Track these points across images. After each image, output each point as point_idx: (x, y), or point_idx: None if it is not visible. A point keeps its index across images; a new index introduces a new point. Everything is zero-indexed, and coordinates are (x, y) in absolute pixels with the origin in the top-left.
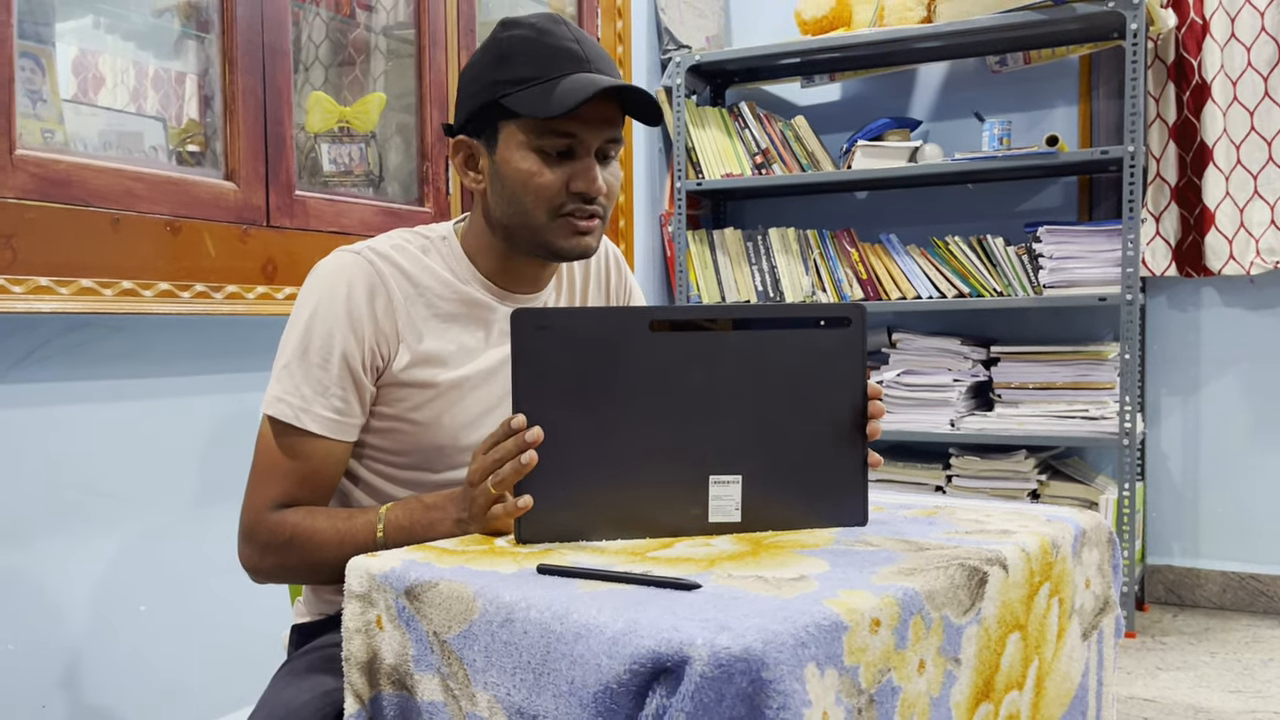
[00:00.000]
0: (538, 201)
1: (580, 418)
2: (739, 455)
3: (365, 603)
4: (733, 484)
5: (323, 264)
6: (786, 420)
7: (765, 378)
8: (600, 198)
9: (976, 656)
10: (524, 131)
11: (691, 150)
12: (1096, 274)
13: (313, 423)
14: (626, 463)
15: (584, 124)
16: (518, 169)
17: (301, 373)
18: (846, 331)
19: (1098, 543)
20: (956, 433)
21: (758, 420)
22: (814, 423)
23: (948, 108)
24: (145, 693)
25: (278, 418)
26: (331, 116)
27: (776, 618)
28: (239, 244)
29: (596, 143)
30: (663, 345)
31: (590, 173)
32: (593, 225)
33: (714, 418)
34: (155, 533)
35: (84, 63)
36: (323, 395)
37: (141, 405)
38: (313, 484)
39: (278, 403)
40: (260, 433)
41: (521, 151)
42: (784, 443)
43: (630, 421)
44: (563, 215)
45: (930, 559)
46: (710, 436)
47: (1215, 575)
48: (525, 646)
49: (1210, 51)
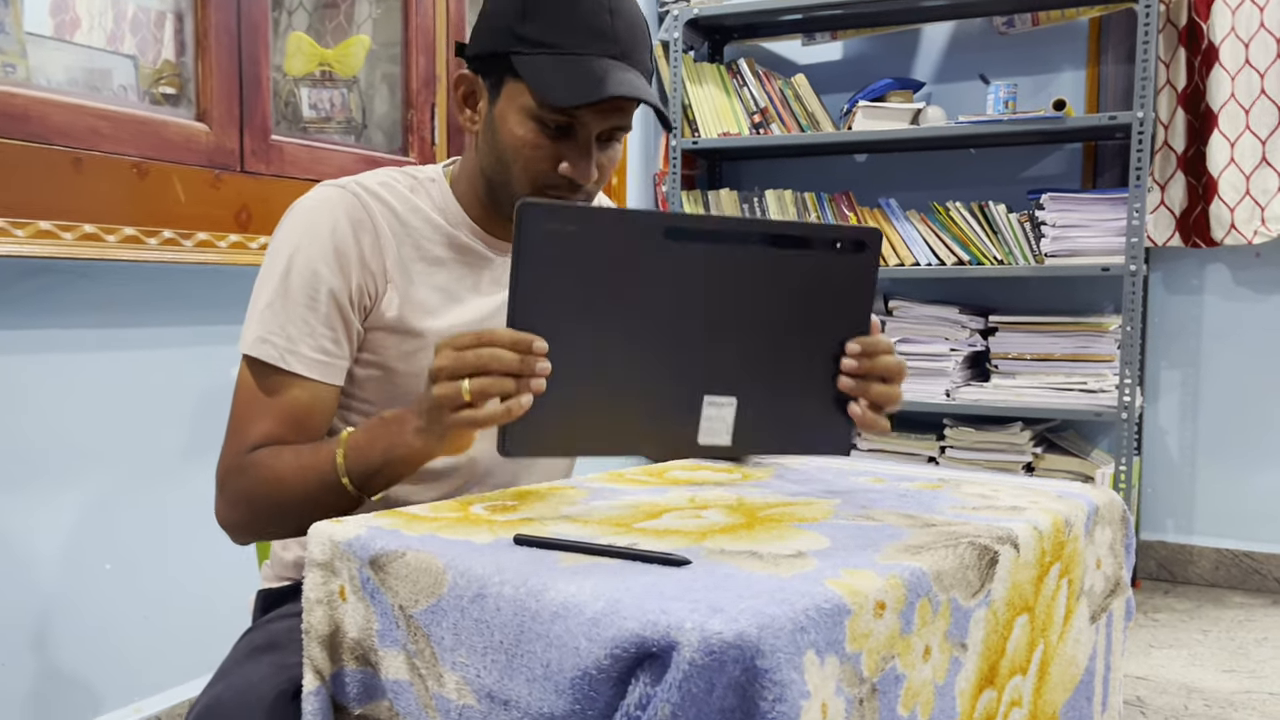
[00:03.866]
0: (524, 172)
1: (580, 324)
2: (736, 377)
3: (328, 571)
4: (727, 406)
5: (304, 198)
6: (788, 344)
7: (773, 297)
8: (589, 184)
9: (984, 641)
10: (530, 97)
11: (688, 108)
12: (1100, 243)
13: (299, 364)
14: (621, 376)
15: (589, 111)
16: (512, 132)
17: (285, 311)
18: (861, 257)
19: (1111, 521)
20: (952, 403)
21: (759, 341)
22: (815, 348)
23: (952, 69)
24: (109, 654)
25: (261, 359)
26: (312, 59)
27: (773, 599)
28: (210, 189)
29: (600, 128)
30: (673, 254)
31: (584, 160)
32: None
33: (716, 336)
34: (120, 490)
35: (62, 3)
36: (310, 335)
37: (106, 356)
38: (299, 428)
39: (261, 344)
40: (239, 378)
41: (520, 115)
42: (783, 367)
43: (630, 332)
44: (543, 189)
45: (938, 536)
46: (710, 355)
47: (1209, 552)
48: (497, 625)
49: (1220, 13)
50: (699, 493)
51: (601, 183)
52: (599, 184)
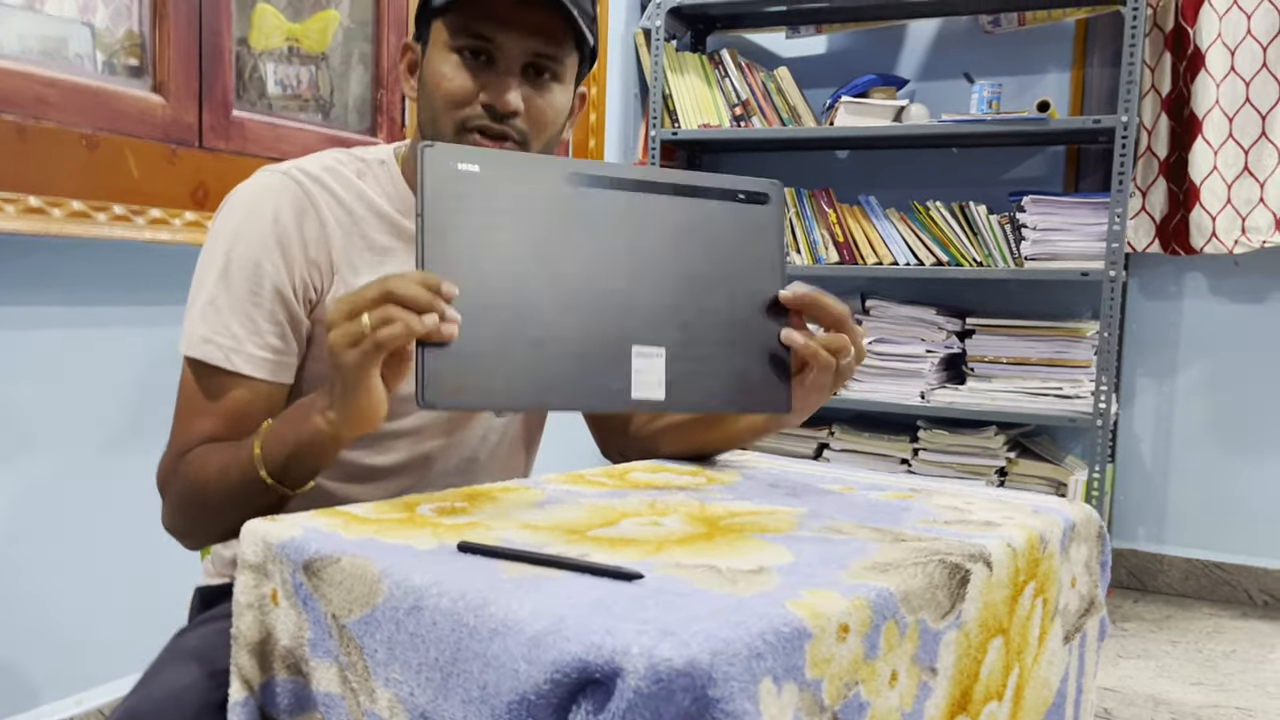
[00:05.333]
0: (446, 108)
1: (493, 268)
2: (662, 326)
3: (260, 574)
4: (656, 357)
5: (242, 186)
6: (709, 293)
7: (685, 248)
8: (515, 119)
9: (955, 665)
10: (446, 30)
11: (668, 98)
12: (1080, 248)
13: (246, 364)
14: (544, 323)
15: (505, 28)
16: (434, 70)
17: (229, 308)
18: (765, 209)
19: (1087, 538)
20: (926, 405)
21: (680, 290)
22: (737, 298)
23: (936, 67)
24: (49, 644)
25: (205, 360)
26: (279, 33)
27: (728, 622)
28: (166, 165)
29: (520, 54)
30: (582, 201)
31: (501, 84)
32: (502, 147)
33: (636, 284)
34: (62, 474)
35: None
36: (255, 332)
37: (50, 334)
38: (245, 431)
39: (204, 344)
40: (181, 379)
41: (442, 52)
42: (708, 316)
43: (548, 278)
44: (470, 130)
45: (907, 553)
46: (632, 303)
47: (1179, 562)
48: (434, 640)
49: (1207, 19)
50: (660, 497)
51: (536, 125)
52: (534, 125)
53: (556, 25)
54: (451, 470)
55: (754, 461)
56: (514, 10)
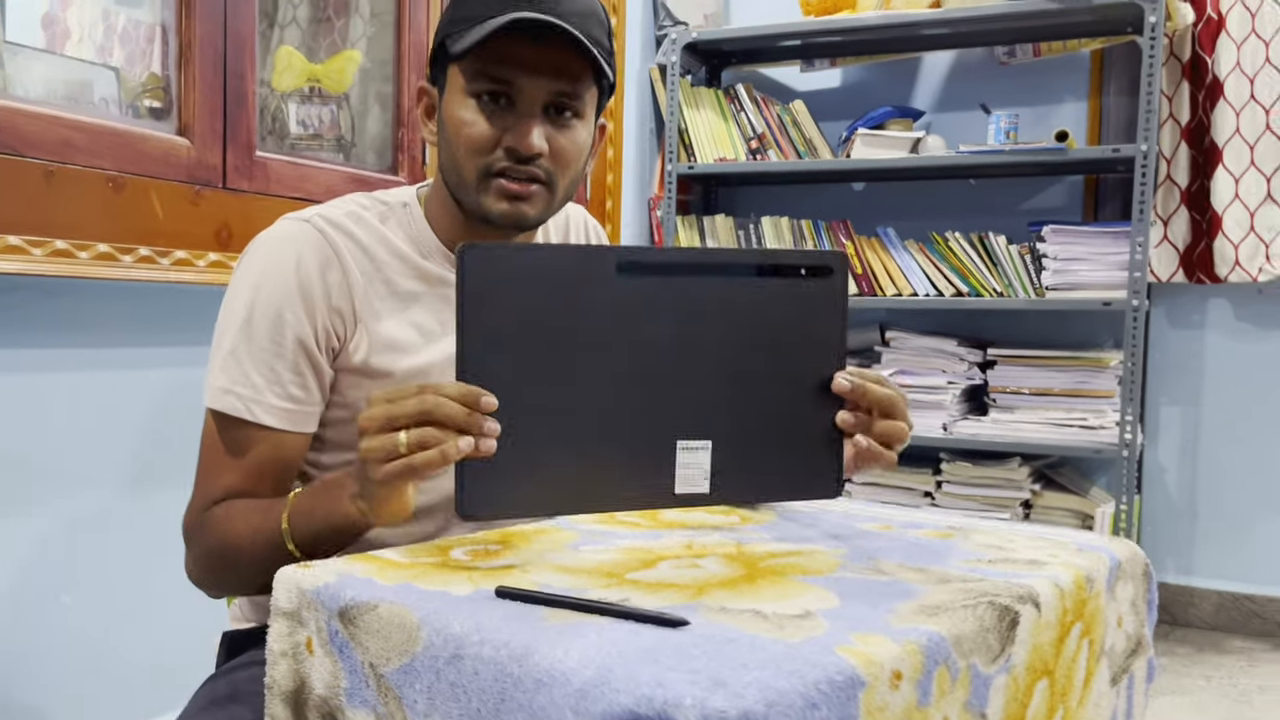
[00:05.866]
0: (468, 155)
1: (536, 372)
2: (709, 418)
3: (294, 621)
4: (701, 450)
5: (265, 234)
6: (760, 379)
7: (739, 331)
8: (541, 159)
9: (1003, 710)
10: (463, 75)
11: (684, 132)
12: (1102, 277)
13: (267, 415)
14: (586, 425)
15: (524, 71)
16: (453, 116)
17: (250, 358)
18: (828, 281)
19: (1133, 576)
20: (949, 437)
21: (730, 379)
22: (788, 383)
23: (952, 99)
24: (65, 694)
25: (226, 411)
26: (301, 74)
27: (781, 670)
28: (190, 206)
29: (540, 94)
30: (630, 290)
31: (524, 126)
32: (528, 190)
33: (683, 375)
34: (85, 519)
35: (53, 15)
36: (276, 383)
37: (73, 378)
38: (267, 481)
39: (224, 395)
40: (204, 429)
41: (460, 97)
42: (757, 405)
43: (592, 378)
44: (494, 175)
45: (955, 594)
46: (678, 396)
47: (1210, 595)
48: (475, 691)
49: (1225, 48)
50: (696, 538)
51: (561, 164)
52: (558, 164)
53: (575, 63)
54: None
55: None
56: (532, 52)
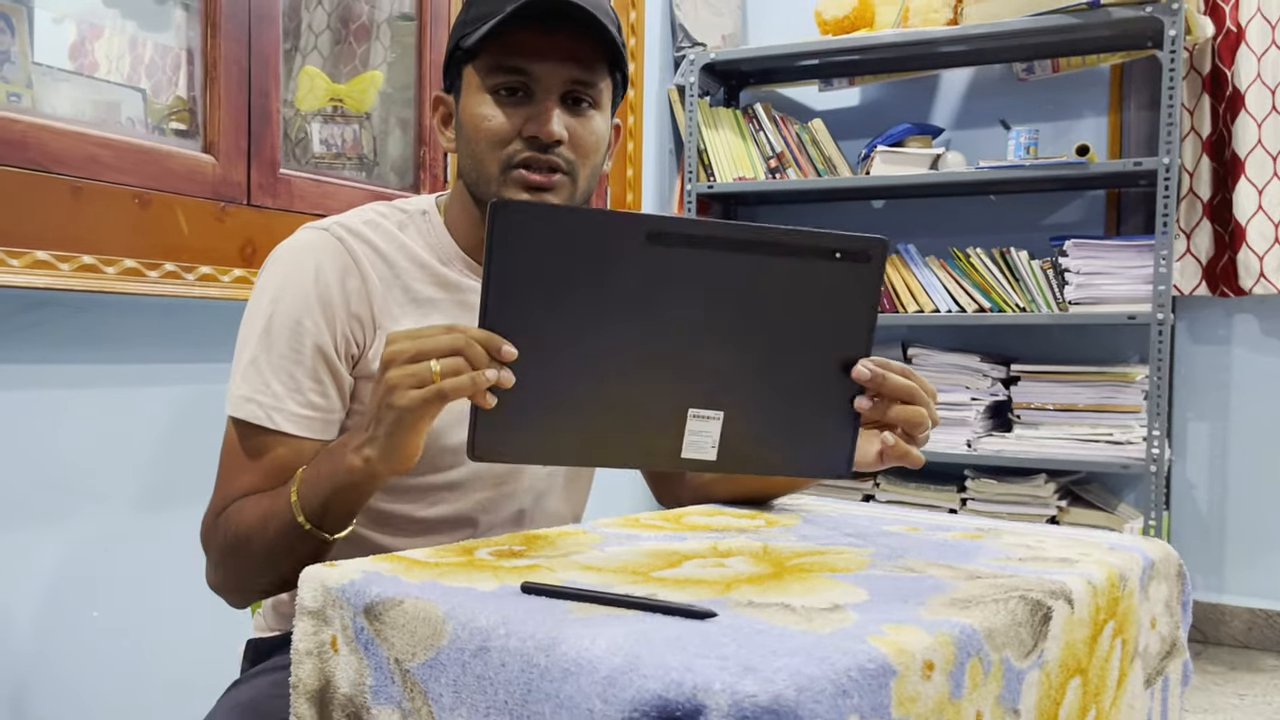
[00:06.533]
0: (489, 149)
1: (556, 327)
2: (724, 390)
3: (319, 620)
4: (713, 420)
5: (284, 244)
6: (781, 359)
7: (765, 308)
8: (561, 147)
9: (1036, 706)
10: (479, 73)
11: (703, 152)
12: (1125, 291)
13: (287, 422)
14: (600, 384)
15: (539, 59)
16: (471, 114)
17: (270, 366)
18: (864, 268)
19: (1167, 576)
20: (973, 454)
21: (750, 355)
22: (810, 365)
23: (971, 115)
24: (94, 706)
25: (246, 419)
26: (324, 94)
27: (811, 658)
28: (215, 222)
29: (556, 82)
30: (658, 259)
31: (543, 115)
32: (551, 180)
33: (703, 346)
34: (113, 532)
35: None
36: (297, 390)
37: (101, 392)
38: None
39: (245, 403)
40: (225, 438)
41: (477, 95)
42: (775, 383)
43: (611, 339)
44: (516, 167)
45: (986, 589)
46: (696, 366)
47: (1241, 612)
48: (502, 682)
49: (1245, 60)
50: (721, 539)
51: (582, 153)
52: (579, 153)
53: (589, 49)
54: (499, 524)
55: (813, 505)
56: (546, 40)
